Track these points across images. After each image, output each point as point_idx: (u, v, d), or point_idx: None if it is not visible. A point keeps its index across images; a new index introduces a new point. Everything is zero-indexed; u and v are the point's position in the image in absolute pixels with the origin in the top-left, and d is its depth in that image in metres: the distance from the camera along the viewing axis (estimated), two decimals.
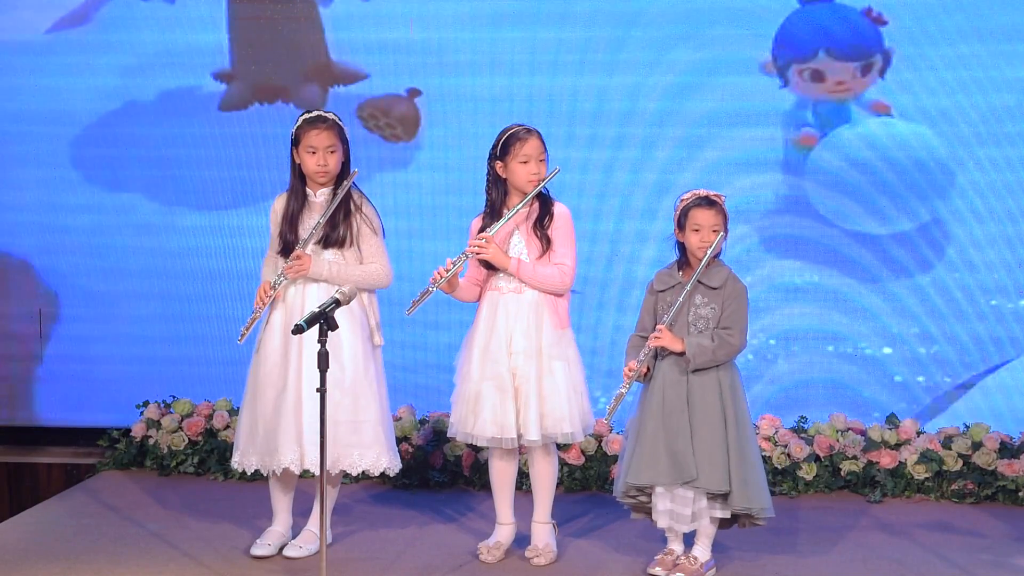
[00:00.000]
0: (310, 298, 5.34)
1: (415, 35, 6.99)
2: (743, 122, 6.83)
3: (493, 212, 5.37)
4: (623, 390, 5.08)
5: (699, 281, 5.12)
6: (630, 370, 5.10)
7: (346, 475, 5.58)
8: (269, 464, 5.37)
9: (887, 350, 6.86)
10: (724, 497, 5.10)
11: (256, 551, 5.43)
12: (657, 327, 5.10)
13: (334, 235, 5.39)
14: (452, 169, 6.97)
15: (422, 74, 7.05)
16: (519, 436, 5.29)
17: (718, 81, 6.85)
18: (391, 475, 5.51)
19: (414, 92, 7.07)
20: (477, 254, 5.25)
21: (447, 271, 5.23)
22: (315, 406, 4.92)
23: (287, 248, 5.41)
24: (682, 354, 5.08)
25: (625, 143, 6.92)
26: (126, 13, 7.15)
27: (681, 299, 5.11)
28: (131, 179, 7.23)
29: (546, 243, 5.30)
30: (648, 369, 5.16)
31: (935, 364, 6.84)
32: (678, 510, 5.12)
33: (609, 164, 6.91)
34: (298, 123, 5.43)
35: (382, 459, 5.39)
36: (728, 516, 5.14)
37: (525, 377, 5.25)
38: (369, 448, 5.36)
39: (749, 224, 6.81)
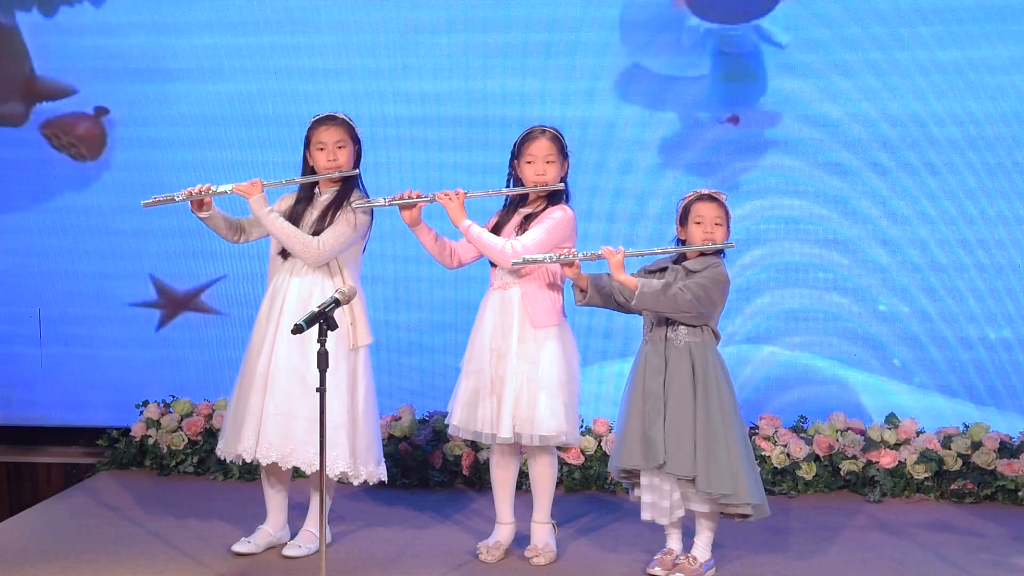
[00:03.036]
0: (292, 292, 5.36)
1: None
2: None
3: (509, 209, 5.42)
4: (548, 258, 5.11)
5: (684, 267, 5.16)
6: (571, 253, 5.12)
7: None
8: (232, 452, 5.39)
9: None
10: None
11: (236, 547, 5.44)
12: (619, 247, 5.11)
13: (322, 227, 5.36)
14: (136, 190, 6.64)
15: (125, 90, 7.00)
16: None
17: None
18: (356, 483, 5.38)
19: (101, 111, 7.03)
20: (442, 199, 5.26)
21: (407, 197, 5.26)
22: (276, 398, 5.25)
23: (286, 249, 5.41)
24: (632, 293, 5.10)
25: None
26: None
27: (659, 249, 5.24)
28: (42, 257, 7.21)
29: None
30: (586, 284, 5.17)
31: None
32: (658, 503, 5.16)
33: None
34: (309, 125, 5.44)
35: (339, 463, 5.29)
36: (705, 510, 5.15)
37: (501, 375, 5.28)
38: (327, 449, 5.12)
39: None
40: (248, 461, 5.37)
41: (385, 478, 5.49)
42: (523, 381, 5.25)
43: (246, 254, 6.92)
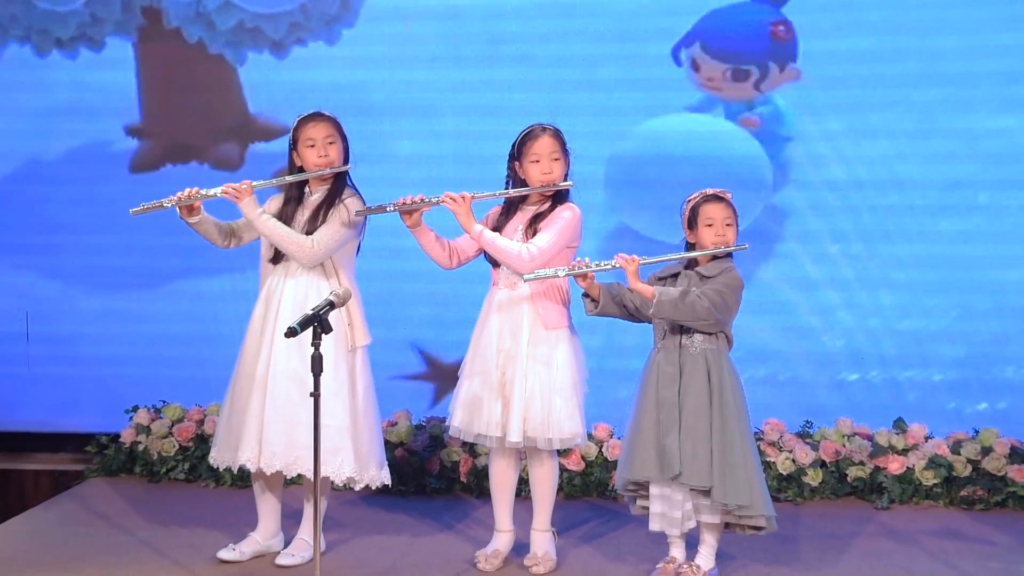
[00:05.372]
0: (287, 294, 5.32)
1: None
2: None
3: (509, 210, 5.36)
4: (560, 272, 5.07)
5: (698, 272, 5.12)
6: (584, 265, 5.07)
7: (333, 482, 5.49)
8: (231, 460, 5.34)
9: None
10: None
11: (222, 554, 5.41)
12: (632, 256, 5.07)
13: (314, 227, 5.31)
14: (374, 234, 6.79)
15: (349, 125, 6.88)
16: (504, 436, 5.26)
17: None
18: (357, 488, 5.37)
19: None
20: (448, 204, 5.19)
21: (412, 202, 5.19)
22: (277, 404, 5.20)
23: (278, 253, 5.36)
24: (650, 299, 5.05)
25: None
26: (30, 62, 7.17)
27: (670, 255, 5.17)
28: (29, 255, 7.19)
29: (534, 235, 5.27)
30: (597, 294, 5.13)
31: None
32: (669, 513, 5.13)
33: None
34: (294, 124, 5.40)
35: (345, 468, 5.26)
36: (717, 521, 5.12)
37: (510, 377, 5.23)
38: (332, 454, 5.21)
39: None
40: (252, 471, 5.34)
41: (388, 481, 5.46)
42: (536, 383, 5.21)
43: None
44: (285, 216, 5.37)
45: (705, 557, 5.19)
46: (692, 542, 5.24)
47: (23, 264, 7.22)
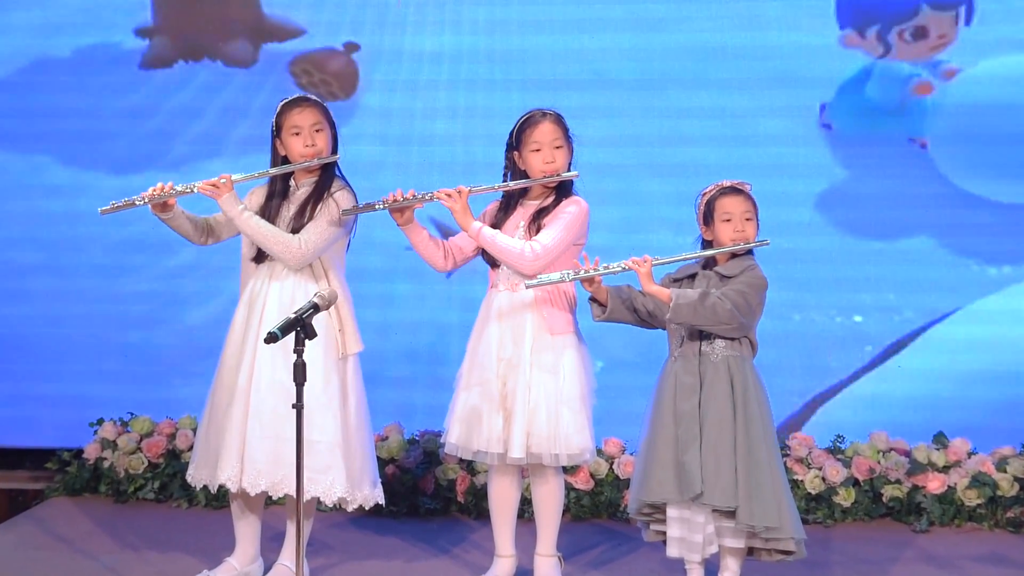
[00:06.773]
0: (272, 298, 5.14)
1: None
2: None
3: (509, 205, 5.18)
4: (566, 276, 4.89)
5: (716, 272, 4.94)
6: (591, 268, 4.90)
7: (322, 502, 5.35)
8: (210, 479, 5.15)
9: None
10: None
11: None
12: (644, 256, 4.88)
13: (300, 224, 5.13)
14: (391, 135, 6.78)
15: (363, 31, 6.90)
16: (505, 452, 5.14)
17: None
18: (350, 508, 5.20)
19: (351, 47, 6.91)
20: (443, 200, 5.05)
21: (401, 199, 5.03)
22: (262, 418, 5.03)
23: (261, 252, 5.17)
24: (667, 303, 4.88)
25: (609, 115, 6.65)
26: None
27: (685, 255, 4.98)
28: (43, 147, 7.00)
29: (537, 232, 5.14)
30: (605, 297, 4.95)
31: None
32: (689, 538, 4.93)
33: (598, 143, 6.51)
34: (278, 110, 5.23)
35: (336, 487, 5.09)
36: (741, 545, 4.91)
37: (511, 388, 5.09)
38: (322, 473, 5.04)
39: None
40: (234, 491, 5.14)
41: (382, 501, 5.29)
42: (542, 394, 5.04)
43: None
44: (269, 212, 5.18)
45: None
46: (712, 568, 5.01)
47: None
